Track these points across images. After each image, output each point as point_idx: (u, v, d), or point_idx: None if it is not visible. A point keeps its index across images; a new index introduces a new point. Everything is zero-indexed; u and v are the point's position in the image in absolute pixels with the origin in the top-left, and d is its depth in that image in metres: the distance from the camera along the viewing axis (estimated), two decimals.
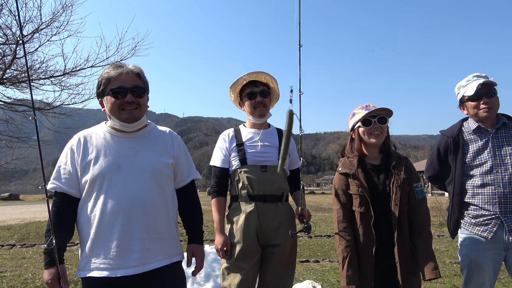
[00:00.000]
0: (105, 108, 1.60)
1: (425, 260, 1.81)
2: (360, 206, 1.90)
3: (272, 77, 2.24)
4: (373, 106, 2.04)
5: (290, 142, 2.28)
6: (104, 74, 1.56)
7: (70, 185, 1.52)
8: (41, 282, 4.24)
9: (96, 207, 1.48)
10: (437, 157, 2.28)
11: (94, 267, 1.46)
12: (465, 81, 2.15)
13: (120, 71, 1.55)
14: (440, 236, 8.05)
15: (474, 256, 2.06)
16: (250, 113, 2.23)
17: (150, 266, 1.51)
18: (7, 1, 4.36)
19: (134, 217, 1.49)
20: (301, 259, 5.54)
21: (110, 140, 1.59)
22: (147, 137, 1.66)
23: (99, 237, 1.47)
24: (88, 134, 1.61)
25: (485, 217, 2.02)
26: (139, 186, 1.52)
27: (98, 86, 1.58)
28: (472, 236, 2.07)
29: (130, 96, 1.54)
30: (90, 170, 1.51)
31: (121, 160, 1.54)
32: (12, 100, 5.41)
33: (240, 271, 1.99)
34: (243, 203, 2.10)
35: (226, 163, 2.18)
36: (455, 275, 4.61)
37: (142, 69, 1.63)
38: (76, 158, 1.55)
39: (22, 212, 14.33)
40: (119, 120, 1.57)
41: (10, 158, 5.80)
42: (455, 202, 2.15)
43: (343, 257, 1.88)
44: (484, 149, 2.07)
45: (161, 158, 1.63)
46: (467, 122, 2.20)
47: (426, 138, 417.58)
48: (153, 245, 1.53)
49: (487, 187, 2.02)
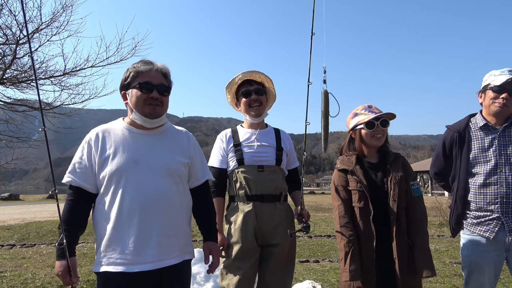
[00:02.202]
0: (128, 101, 1.62)
1: (421, 258, 1.83)
2: (359, 202, 1.93)
3: (267, 76, 2.24)
4: (375, 107, 2.06)
5: (289, 142, 2.29)
6: (133, 68, 1.60)
7: (85, 180, 1.54)
8: (41, 282, 4.25)
9: (113, 202, 1.50)
10: (442, 151, 2.24)
11: (111, 262, 1.47)
12: (499, 71, 2.06)
13: (149, 67, 1.59)
14: (440, 236, 8.05)
15: (475, 257, 2.05)
16: (246, 112, 2.24)
17: (165, 263, 1.53)
18: (7, 1, 4.37)
19: (151, 213, 1.51)
20: (301, 259, 5.55)
21: (128, 136, 1.61)
22: (164, 136, 1.69)
23: (116, 232, 1.48)
24: (106, 130, 1.62)
25: (487, 217, 2.00)
26: (156, 182, 1.54)
27: (125, 78, 1.61)
28: (474, 237, 2.06)
29: (156, 92, 1.58)
30: (108, 165, 1.53)
31: (138, 157, 1.56)
32: (12, 100, 5.41)
33: (239, 271, 2.00)
34: (241, 203, 2.10)
35: (224, 163, 2.19)
36: (455, 275, 4.61)
37: (169, 71, 1.68)
38: (94, 153, 1.56)
39: (22, 212, 14.33)
40: (141, 114, 1.59)
41: (10, 158, 5.80)
42: (458, 198, 2.11)
43: (345, 252, 1.88)
44: (490, 147, 2.03)
45: (177, 157, 1.66)
46: (475, 118, 2.16)
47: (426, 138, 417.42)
48: (169, 241, 1.55)
49: (490, 187, 2.00)
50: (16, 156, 5.76)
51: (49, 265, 5.19)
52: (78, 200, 1.54)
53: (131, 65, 1.64)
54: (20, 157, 5.85)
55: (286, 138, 2.30)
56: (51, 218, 11.84)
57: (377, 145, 2.02)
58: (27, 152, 6.08)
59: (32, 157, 6.59)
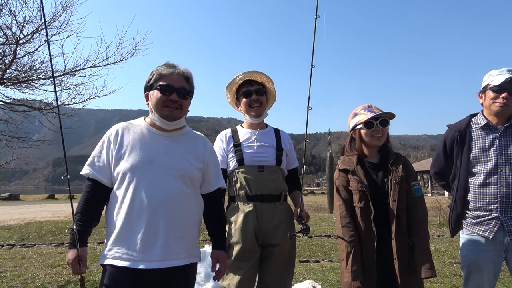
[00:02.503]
0: (149, 102, 1.67)
1: (421, 259, 1.82)
2: (360, 201, 1.93)
3: (267, 77, 2.24)
4: (375, 107, 2.05)
5: (289, 142, 2.29)
6: (156, 71, 1.66)
7: (103, 173, 1.58)
8: (41, 282, 4.25)
9: (125, 199, 1.53)
10: (443, 150, 2.24)
11: (117, 256, 1.50)
12: (498, 71, 2.06)
13: (172, 70, 1.64)
14: (440, 236, 8.06)
15: (474, 257, 2.05)
16: (246, 112, 2.24)
17: (170, 263, 1.54)
18: (7, 1, 4.36)
19: (160, 213, 1.53)
20: (301, 259, 5.55)
21: (147, 135, 1.65)
22: (182, 139, 1.72)
23: (125, 228, 1.51)
24: (126, 127, 1.67)
25: (486, 217, 2.00)
26: (167, 183, 1.57)
27: (149, 80, 1.66)
28: (473, 236, 2.06)
29: (175, 95, 1.62)
30: (123, 162, 1.57)
31: (154, 156, 1.59)
32: (12, 100, 5.40)
33: (239, 271, 2.00)
34: (241, 203, 2.10)
35: (224, 163, 2.18)
36: (455, 275, 4.61)
37: (192, 75, 1.72)
38: (112, 148, 1.60)
39: (22, 212, 14.34)
40: (159, 116, 1.63)
41: (10, 158, 5.79)
42: (458, 197, 2.11)
43: (347, 252, 1.88)
44: (491, 146, 2.02)
45: (192, 160, 1.68)
46: (476, 117, 2.16)
47: (426, 138, 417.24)
48: (176, 242, 1.56)
49: (490, 186, 1.99)
50: (16, 156, 5.76)
51: (49, 265, 5.19)
52: (94, 192, 1.58)
53: (156, 68, 1.69)
54: (20, 157, 5.84)
55: (286, 138, 2.30)
56: (51, 218, 11.84)
57: (377, 144, 2.02)
58: (27, 152, 6.07)
59: (32, 157, 6.59)
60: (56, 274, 4.66)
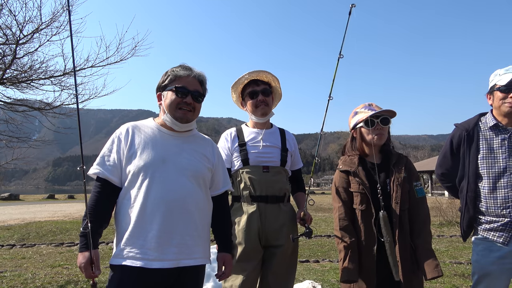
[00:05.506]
0: (161, 102, 1.67)
1: (426, 259, 1.79)
2: (361, 204, 1.90)
3: (273, 76, 2.22)
4: (376, 106, 2.02)
5: (293, 143, 2.27)
6: (171, 72, 1.65)
7: (113, 173, 1.55)
8: (41, 282, 4.24)
9: (138, 197, 1.50)
10: (450, 150, 2.14)
11: (130, 256, 1.46)
12: (503, 70, 1.99)
13: (188, 73, 1.64)
14: (440, 236, 8.05)
15: (484, 263, 1.95)
16: (252, 112, 2.22)
17: (184, 263, 1.52)
18: (7, 1, 4.36)
19: (175, 211, 1.51)
20: (301, 259, 5.54)
21: (158, 135, 1.64)
22: (191, 140, 1.72)
23: (138, 227, 1.48)
24: (136, 126, 1.66)
25: (500, 222, 1.90)
26: (181, 182, 1.56)
27: (163, 80, 1.66)
28: (486, 242, 1.95)
29: (190, 98, 1.62)
30: (136, 160, 1.54)
31: (166, 155, 1.58)
32: (12, 100, 5.40)
33: (242, 272, 1.98)
34: (245, 204, 2.09)
35: (228, 163, 2.16)
36: (455, 275, 4.61)
37: (206, 78, 1.73)
38: (123, 147, 1.58)
39: (22, 212, 14.34)
40: (172, 117, 1.62)
41: (10, 158, 5.78)
42: (469, 200, 2.01)
43: (344, 254, 1.86)
44: (500, 148, 1.94)
45: (203, 161, 1.69)
46: (485, 117, 2.07)
47: (426, 138, 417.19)
48: (191, 242, 1.55)
49: (500, 190, 1.90)
50: (16, 156, 5.75)
51: (49, 265, 5.19)
52: (104, 192, 1.55)
53: (170, 69, 1.69)
54: (20, 157, 5.83)
55: (291, 139, 2.29)
56: (51, 218, 11.84)
57: (378, 143, 1.98)
58: (27, 152, 6.06)
59: (32, 157, 6.58)
60: (56, 274, 4.66)
